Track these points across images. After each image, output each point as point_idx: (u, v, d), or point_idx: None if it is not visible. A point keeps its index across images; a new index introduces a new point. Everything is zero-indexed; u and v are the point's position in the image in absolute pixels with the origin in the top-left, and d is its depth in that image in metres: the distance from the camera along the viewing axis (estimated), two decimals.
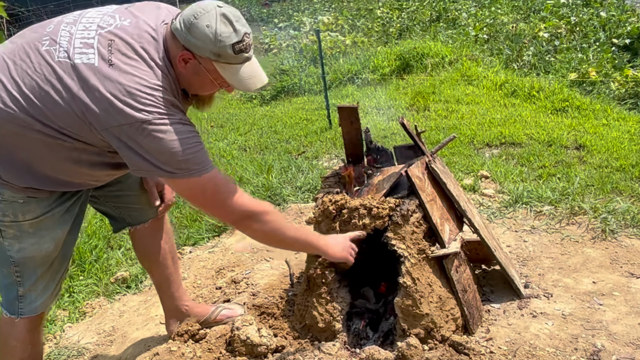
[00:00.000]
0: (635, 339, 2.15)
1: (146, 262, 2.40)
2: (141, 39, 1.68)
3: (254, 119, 6.41)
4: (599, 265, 2.71)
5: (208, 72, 1.72)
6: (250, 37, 1.71)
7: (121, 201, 2.18)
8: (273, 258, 3.17)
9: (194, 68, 1.72)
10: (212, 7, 1.66)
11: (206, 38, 1.63)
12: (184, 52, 1.69)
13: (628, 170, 3.68)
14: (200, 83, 1.78)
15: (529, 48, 7.01)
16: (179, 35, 1.67)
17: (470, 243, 2.56)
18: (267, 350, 2.24)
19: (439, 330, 2.17)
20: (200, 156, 1.72)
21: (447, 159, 4.23)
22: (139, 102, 1.60)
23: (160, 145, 1.64)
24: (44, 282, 1.94)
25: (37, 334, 2.05)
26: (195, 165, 1.70)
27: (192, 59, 1.70)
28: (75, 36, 1.68)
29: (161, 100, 1.64)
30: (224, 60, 1.68)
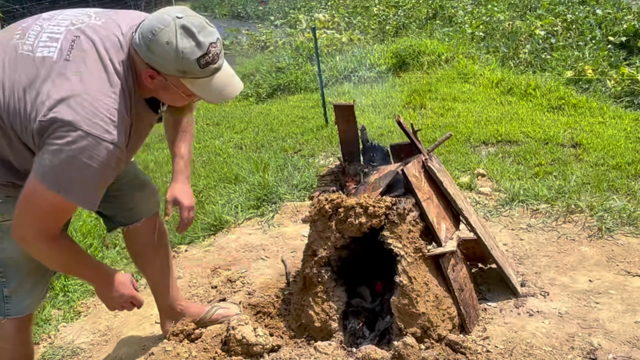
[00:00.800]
0: (632, 337, 2.15)
1: (139, 262, 2.38)
2: (106, 41, 1.61)
3: (250, 116, 6.39)
4: (596, 263, 2.71)
5: (176, 87, 1.62)
6: (217, 45, 1.58)
7: (113, 201, 2.15)
8: (269, 257, 3.15)
9: (161, 84, 1.62)
10: (170, 20, 1.53)
11: (168, 56, 1.53)
12: (147, 69, 1.58)
13: (624, 169, 3.68)
14: (171, 97, 1.70)
15: (525, 46, 7.01)
16: (140, 52, 1.57)
17: (466, 242, 2.55)
18: (263, 350, 2.22)
19: (436, 329, 2.16)
20: (86, 186, 1.57)
21: (444, 157, 4.22)
22: (83, 107, 1.50)
23: (54, 153, 1.49)
24: (30, 283, 1.91)
25: (26, 334, 2.03)
26: (55, 179, 1.53)
27: (157, 76, 1.60)
28: (45, 30, 1.64)
29: (105, 111, 1.53)
30: (191, 75, 1.58)
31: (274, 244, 3.29)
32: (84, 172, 1.54)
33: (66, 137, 1.49)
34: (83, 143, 1.50)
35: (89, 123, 1.50)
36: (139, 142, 1.84)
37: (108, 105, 1.54)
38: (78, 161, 1.51)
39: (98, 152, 1.52)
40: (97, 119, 1.51)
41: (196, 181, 4.53)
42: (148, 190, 2.25)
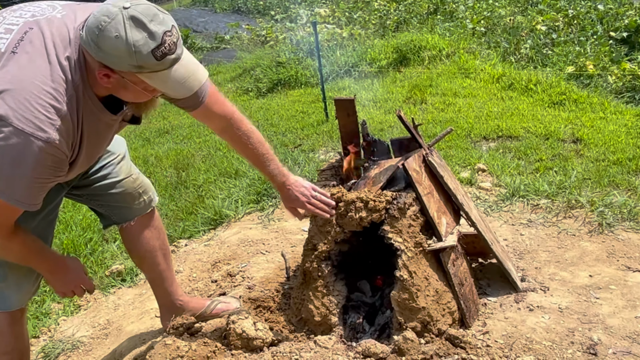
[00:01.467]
0: (632, 332, 2.15)
1: (136, 259, 2.38)
2: (56, 35, 1.53)
3: (250, 111, 6.38)
4: (596, 258, 2.71)
5: (135, 84, 1.53)
6: (172, 33, 1.47)
7: (104, 199, 2.15)
8: (269, 251, 3.15)
9: (118, 83, 1.53)
10: (117, 12, 1.41)
11: (119, 52, 1.42)
12: (100, 68, 1.48)
13: (625, 164, 3.67)
14: (133, 95, 1.60)
15: (527, 41, 6.99)
16: (89, 50, 1.47)
17: (467, 236, 2.55)
18: (263, 344, 2.22)
19: (436, 323, 2.16)
20: (17, 185, 1.51)
21: (444, 152, 4.21)
22: (19, 102, 1.44)
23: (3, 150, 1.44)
24: (15, 278, 1.91)
25: (20, 327, 2.04)
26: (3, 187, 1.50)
27: (112, 74, 1.50)
28: (5, 21, 1.58)
29: (43, 108, 1.45)
30: (148, 69, 1.47)
31: (274, 238, 3.29)
32: (15, 170, 1.47)
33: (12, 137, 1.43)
34: (13, 140, 1.43)
35: (21, 119, 1.43)
36: (100, 143, 1.77)
37: (45, 102, 1.46)
38: (8, 158, 1.45)
39: (29, 149, 1.45)
40: (31, 115, 1.44)
41: (196, 176, 4.53)
42: (142, 189, 2.24)
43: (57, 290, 1.93)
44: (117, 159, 2.15)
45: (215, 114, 1.99)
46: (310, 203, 2.13)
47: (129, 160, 2.23)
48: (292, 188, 2.13)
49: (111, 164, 2.13)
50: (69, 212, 4.05)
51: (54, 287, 1.92)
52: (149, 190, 2.28)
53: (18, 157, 1.46)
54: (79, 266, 1.94)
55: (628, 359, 2.02)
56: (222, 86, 7.98)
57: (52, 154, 1.51)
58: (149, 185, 2.30)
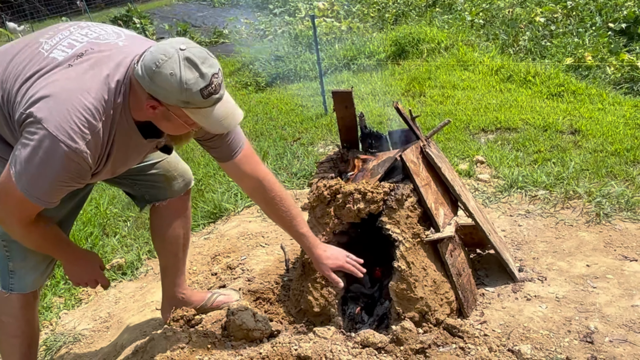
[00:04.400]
0: (628, 321, 2.17)
1: (159, 242, 2.42)
2: (113, 60, 1.65)
3: (250, 105, 6.38)
4: (593, 248, 2.72)
5: (178, 117, 1.66)
6: (219, 76, 1.61)
7: (139, 179, 2.23)
8: (268, 244, 3.17)
9: (163, 114, 1.66)
10: (174, 52, 1.55)
11: (171, 87, 1.55)
12: (150, 100, 1.62)
13: (623, 155, 3.68)
14: (173, 127, 1.72)
15: (525, 33, 6.98)
16: (142, 82, 1.59)
17: (464, 227, 2.56)
18: (263, 335, 2.24)
19: (434, 313, 2.18)
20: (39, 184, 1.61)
21: (443, 145, 4.22)
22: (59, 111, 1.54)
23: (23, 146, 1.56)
24: (34, 260, 1.97)
25: (31, 312, 2.07)
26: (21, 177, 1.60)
27: (159, 106, 1.63)
28: (70, 37, 1.72)
29: (80, 121, 1.56)
30: (194, 106, 1.60)
31: (273, 231, 3.31)
32: (40, 170, 1.58)
33: (34, 134, 1.55)
34: (46, 143, 1.54)
35: (58, 126, 1.54)
36: (127, 161, 1.87)
37: (82, 116, 1.56)
38: (37, 158, 1.56)
39: (57, 154, 1.56)
40: (67, 124, 1.54)
41: (196, 169, 4.54)
42: (177, 171, 2.30)
43: (72, 279, 2.05)
44: None
45: (245, 173, 2.07)
46: (347, 262, 2.21)
47: None
48: (327, 250, 2.20)
49: None
50: None
51: (70, 275, 2.04)
52: (185, 173, 2.34)
53: (46, 159, 1.56)
54: (96, 261, 2.08)
55: (624, 347, 2.03)
56: None
57: (77, 163, 1.60)
58: (185, 168, 2.35)
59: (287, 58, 7.65)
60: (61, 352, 2.63)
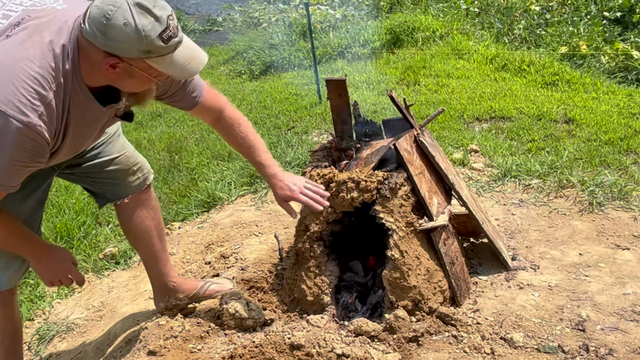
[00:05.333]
0: (620, 309, 2.18)
1: (131, 238, 2.39)
2: (53, 25, 1.56)
3: (243, 94, 6.35)
4: (586, 237, 2.73)
5: (142, 70, 1.56)
6: (174, 17, 1.52)
7: (98, 177, 2.15)
8: (262, 233, 3.16)
9: (125, 71, 1.55)
10: (121, 0, 1.45)
11: (129, 38, 1.45)
12: (108, 58, 1.51)
13: (616, 144, 3.69)
14: (137, 83, 1.63)
15: (520, 21, 6.95)
16: (95, 41, 1.48)
17: (458, 216, 2.56)
18: (256, 324, 2.25)
19: (427, 302, 2.19)
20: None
21: (437, 134, 4.22)
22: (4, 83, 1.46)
23: None
24: (4, 259, 1.93)
25: (10, 308, 2.05)
26: None
27: (120, 63, 1.52)
28: (4, 7, 1.63)
29: (27, 93, 1.47)
30: (156, 54, 1.51)
31: (266, 220, 3.30)
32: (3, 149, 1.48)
33: None
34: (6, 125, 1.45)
35: (4, 100, 1.45)
36: (86, 134, 1.78)
37: (29, 87, 1.48)
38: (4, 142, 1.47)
39: (8, 131, 1.46)
40: (14, 97, 1.46)
41: (189, 159, 4.52)
42: (136, 167, 2.23)
43: (44, 279, 1.93)
44: (110, 137, 2.15)
45: (209, 109, 2.06)
46: (303, 193, 2.11)
47: (122, 137, 2.23)
48: (283, 179, 2.13)
49: (104, 142, 2.13)
50: (62, 196, 4.04)
51: (41, 275, 1.93)
52: (144, 168, 2.28)
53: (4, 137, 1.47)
54: (67, 256, 1.95)
55: (616, 334, 2.05)
56: (214, 69, 7.93)
57: (32, 138, 1.52)
58: (144, 162, 2.29)
59: (282, 46, 7.60)
60: (54, 341, 2.63)
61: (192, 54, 1.62)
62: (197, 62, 1.63)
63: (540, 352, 2.00)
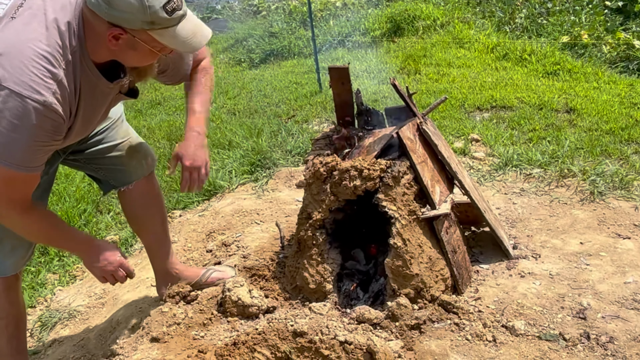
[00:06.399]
0: (620, 297, 2.19)
1: (135, 225, 2.39)
2: (57, 3, 1.55)
3: (243, 82, 6.32)
4: (587, 226, 2.74)
5: (145, 42, 1.56)
6: None
7: (102, 163, 2.15)
8: (263, 221, 3.16)
9: (128, 43, 1.55)
10: None
11: (133, 8, 1.45)
12: (112, 29, 1.50)
13: (617, 133, 3.69)
14: (139, 56, 1.63)
15: (522, 10, 6.92)
16: (99, 11, 1.48)
17: (460, 205, 2.57)
18: (259, 311, 2.25)
19: (429, 290, 2.19)
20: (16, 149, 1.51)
21: (438, 123, 4.21)
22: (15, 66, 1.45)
23: None
24: (11, 243, 1.92)
25: (14, 293, 2.05)
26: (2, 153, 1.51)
27: (123, 34, 1.52)
28: None
29: (39, 71, 1.47)
30: (160, 26, 1.51)
31: (268, 208, 3.30)
32: (12, 134, 1.49)
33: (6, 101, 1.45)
34: (10, 103, 1.45)
35: (18, 82, 1.45)
36: (96, 111, 1.78)
37: (40, 66, 1.48)
38: (5, 122, 1.46)
39: (26, 112, 1.46)
40: (27, 77, 1.46)
41: None
42: (140, 153, 2.23)
43: (97, 274, 1.88)
44: (114, 123, 2.14)
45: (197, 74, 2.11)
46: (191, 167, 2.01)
47: (125, 123, 2.22)
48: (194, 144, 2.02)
49: (108, 127, 2.12)
50: (62, 184, 4.03)
51: (92, 271, 1.88)
52: (148, 154, 2.27)
53: (16, 120, 1.47)
54: (113, 247, 1.91)
55: (616, 322, 2.06)
56: (214, 57, 7.88)
57: (49, 118, 1.52)
58: (148, 148, 2.28)
59: (281, 34, 7.56)
60: (56, 328, 2.63)
61: (196, 29, 1.61)
62: (201, 36, 1.63)
63: (542, 340, 2.01)
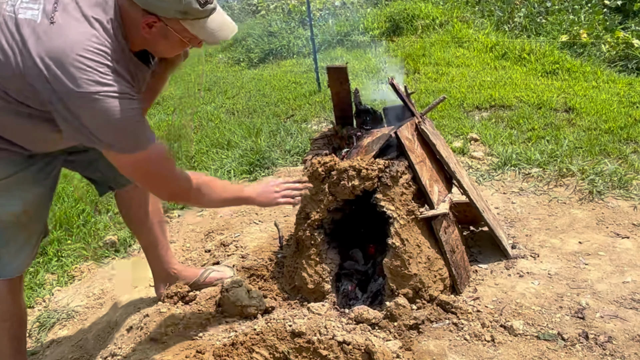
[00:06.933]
0: (619, 297, 2.19)
1: (132, 225, 2.39)
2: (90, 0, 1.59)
3: (242, 82, 6.32)
4: (586, 226, 2.74)
5: (176, 32, 1.63)
6: None
7: (101, 164, 2.13)
8: (262, 221, 3.16)
9: (160, 31, 1.62)
10: None
11: None
12: (147, 16, 1.58)
13: (616, 133, 3.69)
14: (169, 45, 1.70)
15: (521, 9, 6.92)
16: (137, 0, 1.56)
17: (459, 204, 2.57)
18: (257, 311, 2.25)
19: (427, 290, 2.19)
20: (137, 132, 1.63)
21: (437, 122, 4.21)
22: (77, 68, 1.50)
23: (96, 119, 1.55)
24: (17, 245, 1.92)
25: (17, 296, 2.04)
26: (132, 142, 1.63)
27: (157, 22, 1.60)
28: None
29: (101, 67, 1.53)
30: (192, 16, 1.59)
31: (266, 208, 3.30)
32: (128, 123, 1.59)
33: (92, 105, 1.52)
34: (106, 102, 1.53)
35: (88, 82, 1.50)
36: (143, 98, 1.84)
37: (100, 63, 1.53)
38: (112, 119, 1.55)
39: (119, 102, 1.56)
40: (93, 75, 1.51)
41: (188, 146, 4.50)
42: None
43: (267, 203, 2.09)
44: None
45: None
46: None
47: None
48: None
49: None
50: (61, 184, 4.02)
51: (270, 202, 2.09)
52: None
53: (116, 111, 1.55)
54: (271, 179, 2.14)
55: (615, 322, 2.06)
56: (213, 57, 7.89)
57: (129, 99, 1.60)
58: None
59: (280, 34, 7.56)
60: (55, 328, 2.63)
61: (224, 22, 1.70)
62: (228, 29, 1.72)
63: (540, 339, 2.00)
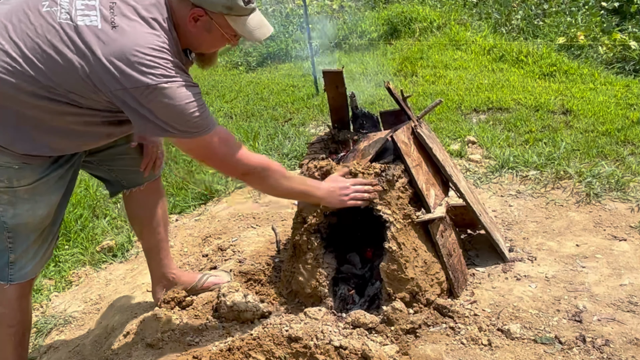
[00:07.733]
0: (617, 300, 2.19)
1: (138, 226, 2.39)
2: (143, 1, 1.68)
3: (240, 85, 6.32)
4: (583, 228, 2.74)
5: (220, 27, 1.74)
6: None
7: (116, 164, 2.18)
8: (259, 225, 3.16)
9: (205, 25, 1.73)
10: None
11: None
12: (195, 9, 1.70)
13: (614, 135, 3.69)
14: (211, 40, 1.80)
15: (518, 12, 6.93)
16: None
17: (455, 208, 2.56)
18: (254, 316, 2.25)
19: (424, 294, 2.19)
20: (206, 116, 1.73)
21: (435, 125, 4.21)
22: (145, 65, 1.59)
23: (168, 109, 1.64)
24: (35, 248, 1.93)
25: (26, 300, 2.04)
26: (202, 126, 1.72)
27: (203, 16, 1.71)
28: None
29: (166, 62, 1.63)
30: (236, 12, 1.71)
31: (264, 212, 3.30)
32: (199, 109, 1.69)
33: (164, 97, 1.62)
34: (176, 92, 1.64)
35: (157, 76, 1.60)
36: None
37: (162, 58, 1.63)
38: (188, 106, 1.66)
39: (188, 91, 1.67)
40: (159, 70, 1.61)
41: None
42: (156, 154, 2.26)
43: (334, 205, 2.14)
44: None
45: None
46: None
47: None
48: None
49: None
50: None
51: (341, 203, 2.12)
52: (161, 155, 2.31)
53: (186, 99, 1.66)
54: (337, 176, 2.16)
55: (612, 325, 2.05)
56: None
57: (194, 87, 1.72)
58: (163, 150, 2.33)
59: (278, 37, 7.57)
60: (52, 334, 2.62)
61: (263, 22, 1.83)
62: (265, 29, 1.84)
63: (537, 343, 2.00)
